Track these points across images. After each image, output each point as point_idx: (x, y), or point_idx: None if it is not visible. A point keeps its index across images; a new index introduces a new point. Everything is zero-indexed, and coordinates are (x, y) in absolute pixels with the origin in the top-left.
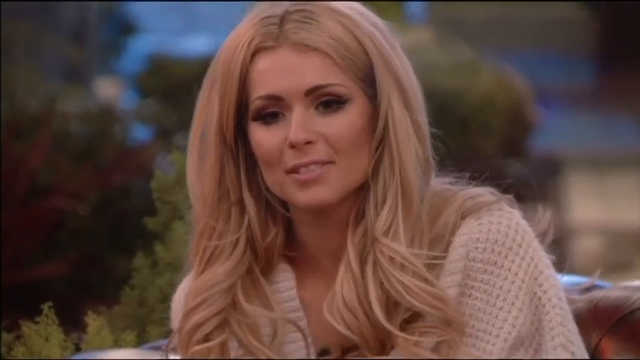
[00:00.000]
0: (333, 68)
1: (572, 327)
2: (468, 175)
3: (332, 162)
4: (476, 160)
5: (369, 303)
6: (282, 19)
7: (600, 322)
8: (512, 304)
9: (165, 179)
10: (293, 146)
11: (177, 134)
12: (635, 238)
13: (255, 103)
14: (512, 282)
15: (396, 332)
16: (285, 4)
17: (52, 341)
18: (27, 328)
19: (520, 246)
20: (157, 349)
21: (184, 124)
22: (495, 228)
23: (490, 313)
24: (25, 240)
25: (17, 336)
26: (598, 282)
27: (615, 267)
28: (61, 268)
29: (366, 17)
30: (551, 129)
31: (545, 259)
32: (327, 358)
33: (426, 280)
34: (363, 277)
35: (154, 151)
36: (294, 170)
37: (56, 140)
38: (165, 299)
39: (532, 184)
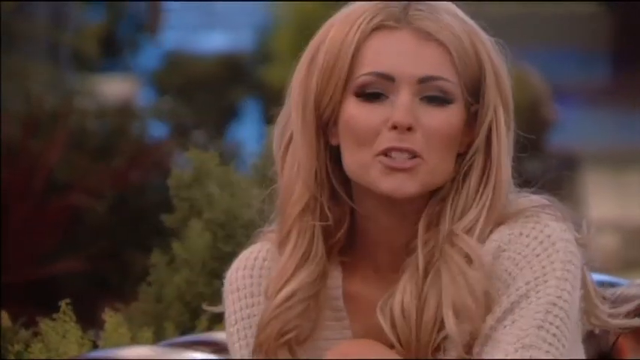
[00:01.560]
0: (448, 64)
1: (556, 334)
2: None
3: (421, 157)
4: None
5: (422, 314)
6: (406, 6)
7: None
8: (494, 312)
9: (182, 176)
10: (395, 127)
11: (193, 131)
12: None
13: (362, 79)
14: (508, 292)
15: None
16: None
17: (70, 338)
18: (44, 324)
19: (537, 256)
20: (174, 345)
21: (201, 121)
22: (521, 240)
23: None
24: (43, 237)
25: (35, 332)
26: (614, 279)
27: (632, 264)
28: (78, 264)
29: (483, 31)
30: (569, 126)
31: (560, 272)
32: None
33: (489, 285)
34: (425, 286)
35: (171, 148)
36: (386, 153)
37: (73, 137)
38: (183, 296)
39: (546, 181)
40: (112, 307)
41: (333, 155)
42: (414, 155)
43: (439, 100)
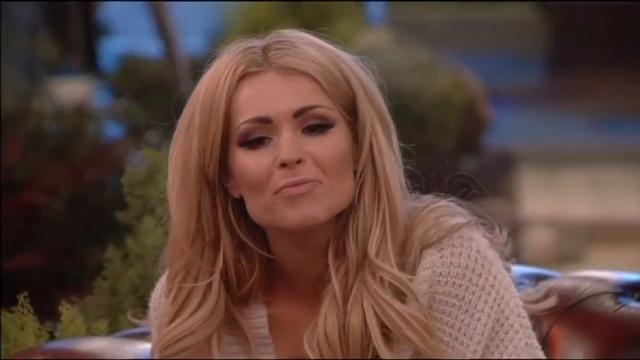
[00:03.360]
0: (319, 92)
1: (536, 344)
2: (424, 171)
3: (319, 182)
4: (432, 156)
5: (348, 340)
6: (265, 48)
7: (551, 310)
8: (471, 338)
9: (136, 175)
10: (284, 165)
11: (147, 132)
12: (584, 231)
13: (241, 128)
14: (477, 318)
15: None
16: (261, 40)
17: (28, 330)
18: (3, 317)
19: (480, 276)
20: (128, 337)
21: (154, 122)
22: (457, 261)
23: (453, 347)
24: (1, 233)
25: None
26: (549, 272)
27: (565, 258)
28: (36, 259)
29: (344, 52)
30: (504, 126)
31: (504, 282)
32: None
33: (423, 313)
34: (346, 312)
35: (126, 147)
36: (283, 188)
37: (31, 138)
38: (136, 289)
39: (483, 179)
40: (69, 300)
41: (236, 208)
42: (312, 181)
43: (320, 127)
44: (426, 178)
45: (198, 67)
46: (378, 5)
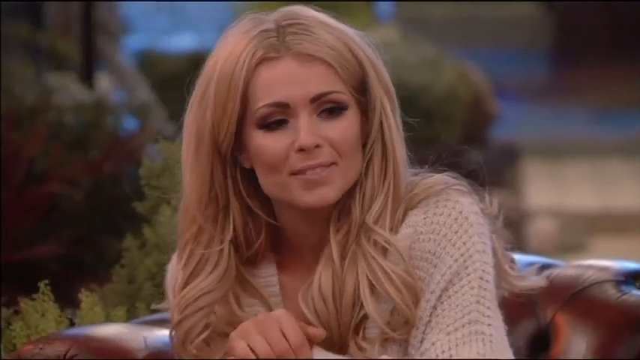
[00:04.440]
0: (334, 77)
1: (488, 305)
2: (431, 161)
3: (335, 163)
4: (439, 148)
5: (342, 296)
6: (279, 32)
7: (555, 298)
8: (428, 286)
9: (153, 166)
10: (302, 150)
11: (164, 125)
12: (586, 221)
13: (260, 111)
14: (439, 268)
15: (351, 341)
16: (272, 19)
17: (48, 316)
18: (24, 304)
19: (456, 233)
20: (145, 323)
21: (171, 116)
22: (437, 219)
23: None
24: (23, 222)
25: (15, 311)
26: (552, 261)
27: (568, 248)
28: (56, 248)
29: (351, 29)
30: (509, 120)
31: (478, 245)
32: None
33: (406, 271)
34: (342, 270)
35: (143, 140)
36: (298, 172)
37: (52, 130)
38: (153, 277)
39: (489, 171)
40: (88, 288)
41: (245, 176)
42: (328, 164)
43: (336, 110)
44: (432, 167)
45: None
46: (386, 2)
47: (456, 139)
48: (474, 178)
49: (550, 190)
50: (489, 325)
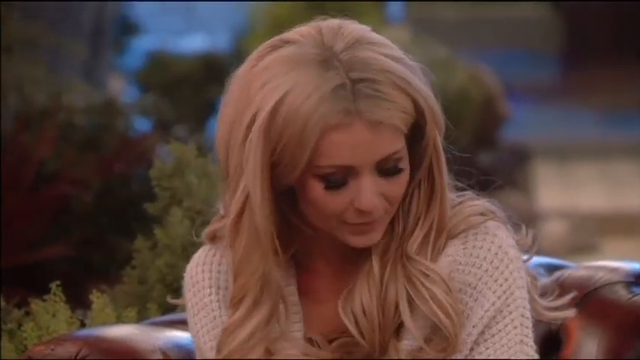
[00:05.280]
0: (398, 135)
1: (531, 344)
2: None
3: (387, 212)
4: (450, 150)
5: (383, 312)
6: (354, 92)
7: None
8: (470, 320)
9: (164, 167)
10: (361, 211)
11: (174, 126)
12: (596, 222)
13: (324, 170)
14: (480, 304)
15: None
16: (338, 61)
17: (59, 317)
18: (35, 305)
19: (497, 269)
20: (156, 324)
21: (182, 117)
22: (477, 253)
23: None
24: (34, 223)
25: (27, 312)
26: (563, 262)
27: (579, 249)
28: (66, 249)
29: (408, 66)
30: (520, 121)
31: (519, 281)
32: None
33: (449, 295)
34: (382, 285)
35: (154, 141)
36: (354, 223)
37: (62, 131)
38: (164, 278)
39: (500, 172)
40: (99, 289)
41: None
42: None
43: (396, 170)
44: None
45: (224, 63)
46: (396, 4)
47: (467, 141)
48: (486, 181)
49: (560, 192)
50: None
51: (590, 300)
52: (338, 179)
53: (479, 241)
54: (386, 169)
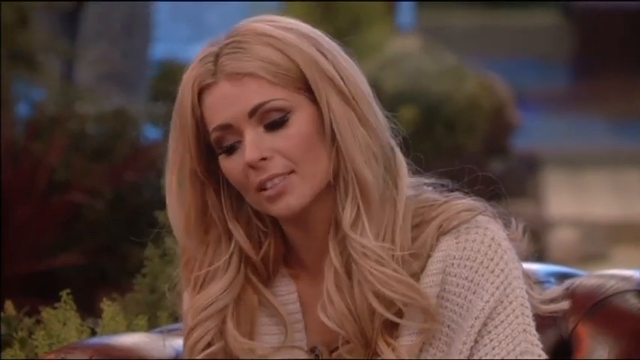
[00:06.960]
0: (268, 86)
1: (534, 333)
2: (453, 172)
3: (293, 171)
4: (461, 158)
5: (355, 306)
6: (217, 54)
7: (576, 307)
8: (471, 313)
9: None
10: (251, 166)
11: None
12: (607, 231)
13: (212, 136)
14: (480, 296)
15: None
16: (225, 37)
17: (70, 326)
18: (46, 313)
19: (492, 260)
20: (167, 332)
21: None
22: (470, 246)
23: (460, 325)
24: (45, 231)
25: (37, 320)
26: (574, 271)
27: (589, 257)
28: (77, 258)
29: (294, 31)
30: (531, 130)
31: (515, 271)
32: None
33: (396, 272)
34: (349, 277)
35: (164, 149)
36: (260, 188)
37: (73, 140)
38: (175, 287)
39: (511, 180)
40: (110, 297)
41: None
42: (284, 174)
43: (279, 121)
44: (455, 179)
45: None
46: (408, 13)
47: (478, 149)
48: (495, 189)
49: (571, 200)
50: (539, 355)
51: (601, 308)
52: (228, 143)
53: (471, 234)
54: (270, 122)
